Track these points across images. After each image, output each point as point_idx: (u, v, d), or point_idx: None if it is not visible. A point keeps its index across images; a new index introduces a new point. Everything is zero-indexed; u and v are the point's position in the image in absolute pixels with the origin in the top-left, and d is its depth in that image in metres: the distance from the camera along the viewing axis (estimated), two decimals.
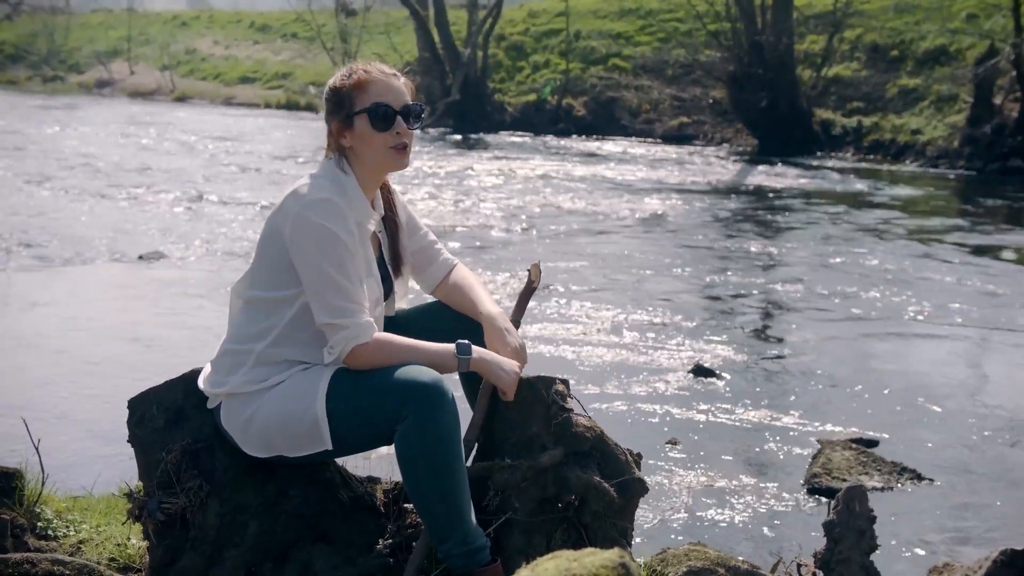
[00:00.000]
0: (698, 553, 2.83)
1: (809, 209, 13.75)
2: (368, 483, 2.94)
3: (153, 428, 2.73)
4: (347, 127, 2.65)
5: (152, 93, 34.60)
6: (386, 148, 2.65)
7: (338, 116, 2.66)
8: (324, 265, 2.52)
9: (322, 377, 2.56)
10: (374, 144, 2.65)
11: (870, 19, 24.16)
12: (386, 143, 2.65)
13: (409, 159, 2.70)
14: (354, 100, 2.65)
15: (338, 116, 2.66)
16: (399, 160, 2.68)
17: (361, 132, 2.64)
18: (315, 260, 2.52)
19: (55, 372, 6.16)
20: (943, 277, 9.54)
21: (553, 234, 11.44)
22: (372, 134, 2.64)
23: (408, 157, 2.70)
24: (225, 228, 11.12)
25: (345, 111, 2.65)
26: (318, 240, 2.52)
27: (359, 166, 2.68)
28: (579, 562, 1.63)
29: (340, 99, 2.66)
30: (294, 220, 2.54)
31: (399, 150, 2.67)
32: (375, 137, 2.64)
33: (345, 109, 2.65)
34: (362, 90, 2.65)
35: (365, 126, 2.64)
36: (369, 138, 2.64)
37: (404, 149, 2.68)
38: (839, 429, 5.56)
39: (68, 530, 3.13)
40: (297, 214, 2.54)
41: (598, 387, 6.10)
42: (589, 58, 27.15)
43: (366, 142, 2.65)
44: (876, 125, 20.92)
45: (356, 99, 2.65)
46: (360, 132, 2.65)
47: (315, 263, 2.52)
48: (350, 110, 2.64)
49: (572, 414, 2.71)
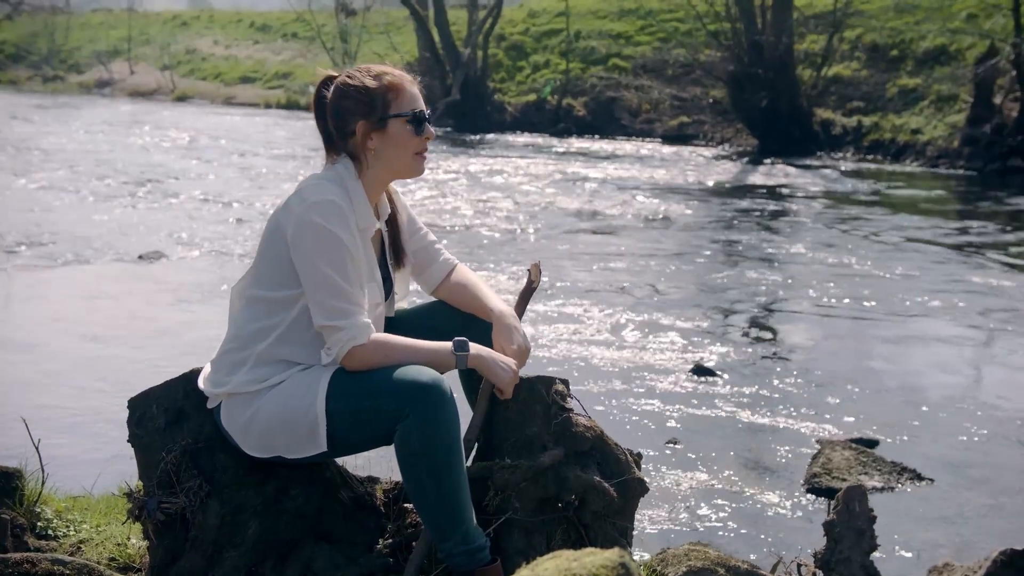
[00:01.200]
0: (698, 553, 2.83)
1: (809, 209, 13.75)
2: (368, 483, 2.94)
3: (153, 428, 2.74)
4: (378, 129, 2.64)
5: (152, 93, 34.61)
6: (413, 153, 2.67)
7: (370, 118, 2.63)
8: (324, 267, 2.52)
9: (322, 377, 2.55)
10: (407, 148, 2.65)
11: (870, 19, 24.16)
12: (416, 148, 2.67)
13: (425, 165, 2.73)
14: (389, 103, 2.64)
15: (370, 118, 2.63)
16: (419, 166, 2.70)
17: (395, 135, 2.64)
18: (315, 261, 2.52)
19: (55, 372, 6.16)
20: (943, 277, 9.54)
21: (553, 234, 11.44)
22: (409, 138, 2.65)
23: (425, 163, 2.72)
24: (225, 228, 11.12)
25: (378, 113, 2.63)
26: (320, 242, 2.52)
27: (378, 170, 2.67)
28: (579, 562, 1.63)
29: (372, 100, 2.63)
30: (297, 221, 2.54)
31: (422, 155, 2.69)
32: (411, 141, 2.65)
33: (378, 111, 2.63)
34: (397, 93, 2.64)
35: (402, 130, 2.64)
36: (404, 142, 2.65)
37: (423, 154, 2.70)
38: (839, 429, 5.56)
39: (68, 530, 3.13)
40: (300, 215, 2.54)
41: (598, 387, 6.10)
42: (589, 58, 27.16)
43: (399, 145, 2.65)
44: (876, 125, 20.92)
45: (392, 102, 2.64)
46: (394, 135, 2.64)
47: (315, 264, 2.52)
48: (384, 112, 2.63)
49: (572, 414, 2.71)
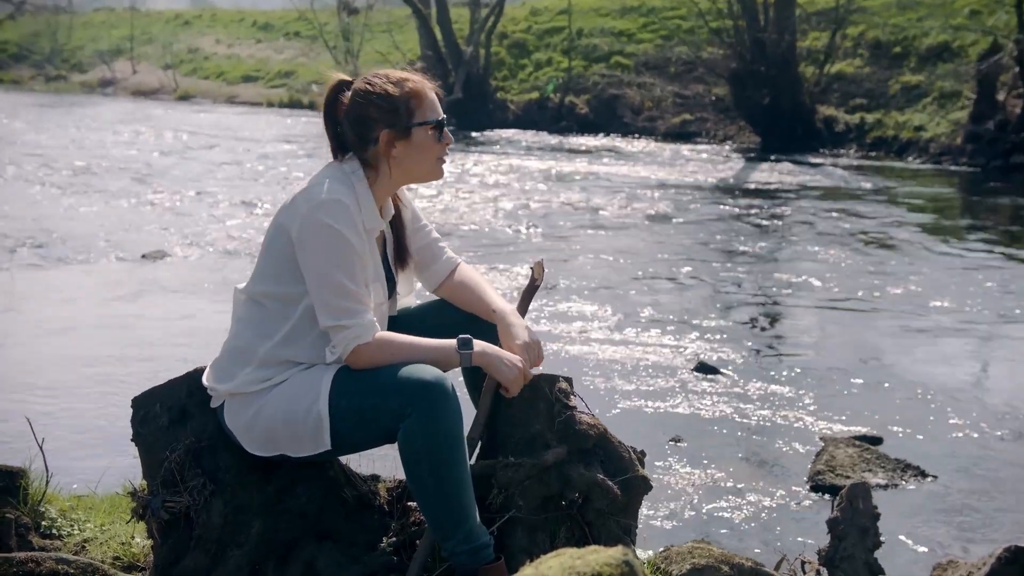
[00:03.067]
0: (702, 550, 2.83)
1: (812, 206, 13.74)
2: (372, 481, 2.93)
3: (157, 427, 2.74)
4: (403, 137, 2.63)
5: (155, 92, 34.61)
6: (436, 159, 2.67)
7: (391, 125, 2.61)
8: (329, 266, 2.51)
9: (325, 376, 2.55)
10: (430, 154, 2.65)
11: (872, 15, 24.11)
12: (438, 153, 2.67)
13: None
14: (413, 111, 2.63)
15: (391, 125, 2.61)
16: (439, 170, 2.70)
17: (420, 143, 2.63)
18: (321, 261, 2.51)
19: (59, 371, 6.17)
20: (946, 274, 9.53)
21: (556, 232, 11.43)
22: (432, 145, 2.64)
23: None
24: (228, 227, 11.12)
25: (403, 121, 2.62)
26: (326, 241, 2.51)
27: (394, 175, 2.66)
28: (583, 560, 1.63)
29: (394, 107, 2.62)
30: (303, 219, 2.53)
31: (442, 160, 2.70)
32: (433, 148, 2.65)
33: (402, 119, 2.62)
34: (420, 101, 2.64)
35: (427, 137, 2.64)
36: (428, 149, 2.64)
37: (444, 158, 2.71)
38: (843, 426, 5.56)
39: (72, 529, 3.13)
40: (307, 214, 2.52)
41: (601, 385, 6.10)
42: (591, 56, 27.13)
43: (422, 152, 2.64)
44: (879, 122, 20.89)
45: (416, 110, 2.63)
46: (418, 143, 2.63)
47: (320, 264, 2.51)
48: (408, 120, 2.62)
49: (575, 412, 2.70)
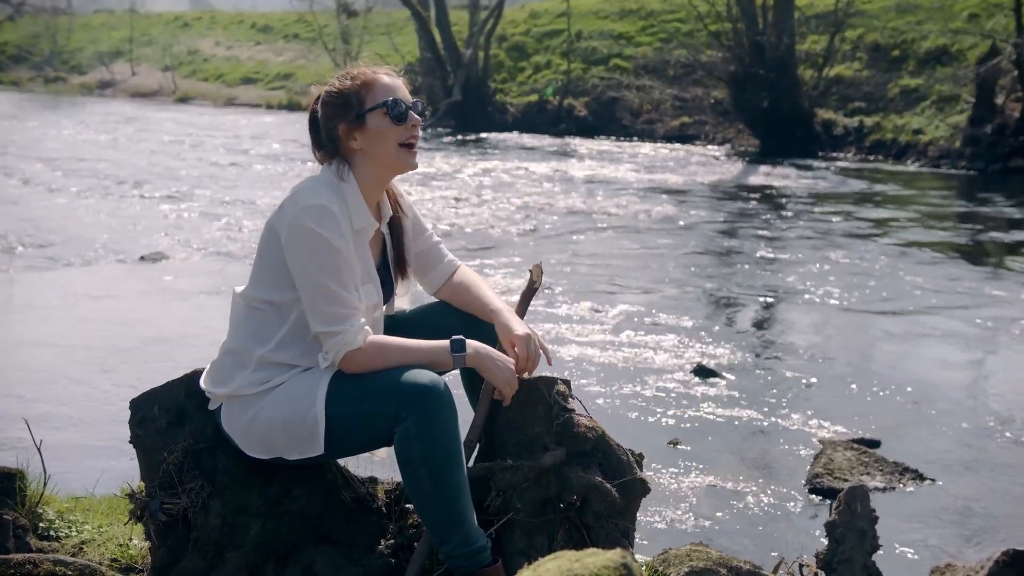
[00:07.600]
0: (700, 553, 2.83)
1: (811, 209, 13.75)
2: (370, 484, 2.93)
3: (155, 429, 2.73)
4: (358, 127, 2.63)
5: (154, 94, 34.63)
6: (397, 146, 2.63)
7: (346, 118, 2.63)
8: (317, 273, 2.51)
9: (322, 379, 2.55)
10: (389, 140, 2.62)
11: (871, 19, 24.14)
12: (399, 138, 2.63)
13: (417, 159, 2.69)
14: (364, 99, 2.63)
15: (346, 118, 2.63)
16: (409, 159, 2.66)
17: (376, 129, 2.62)
18: (308, 267, 2.51)
19: (57, 373, 6.17)
20: (944, 277, 9.53)
21: (555, 234, 11.44)
22: (390, 128, 2.62)
23: (416, 156, 2.69)
24: (226, 229, 11.12)
25: (354, 111, 2.62)
26: (310, 246, 2.51)
27: (367, 169, 2.65)
28: (581, 562, 1.63)
29: (346, 100, 2.63)
30: (289, 225, 2.53)
31: (409, 148, 2.65)
32: (392, 132, 2.62)
33: (354, 109, 2.62)
34: (370, 88, 2.64)
35: (381, 121, 2.62)
36: (386, 134, 2.62)
37: (413, 147, 2.66)
38: (841, 429, 5.56)
39: (70, 531, 3.13)
40: (292, 219, 2.53)
41: (600, 387, 6.10)
42: (590, 58, 27.15)
43: (381, 138, 2.62)
44: (878, 125, 20.90)
45: (366, 97, 2.63)
46: (374, 129, 2.62)
47: (309, 271, 2.51)
48: (360, 109, 2.62)
49: (574, 414, 2.70)
